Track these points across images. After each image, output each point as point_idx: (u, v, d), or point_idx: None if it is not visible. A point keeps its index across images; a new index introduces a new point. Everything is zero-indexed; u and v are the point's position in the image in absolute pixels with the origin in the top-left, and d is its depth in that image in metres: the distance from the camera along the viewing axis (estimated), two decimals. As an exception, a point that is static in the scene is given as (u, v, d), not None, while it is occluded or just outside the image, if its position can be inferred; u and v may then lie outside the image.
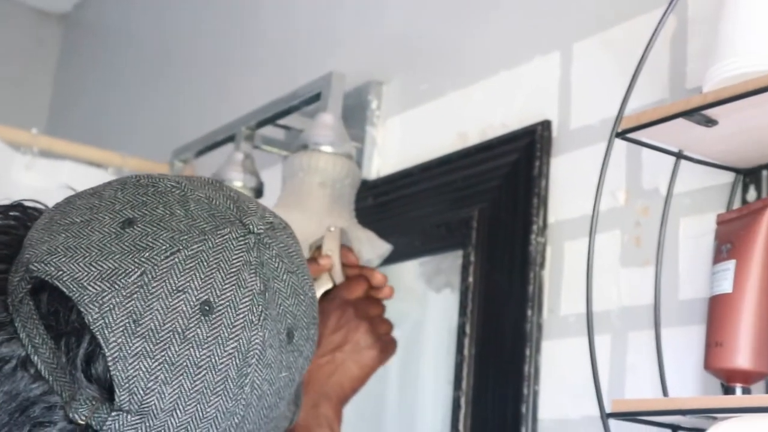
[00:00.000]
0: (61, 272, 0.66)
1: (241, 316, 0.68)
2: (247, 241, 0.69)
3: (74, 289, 0.65)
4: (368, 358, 1.01)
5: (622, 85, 1.09)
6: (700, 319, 1.07)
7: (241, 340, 0.67)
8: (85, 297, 0.65)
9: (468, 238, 1.38)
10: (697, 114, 0.91)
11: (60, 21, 3.11)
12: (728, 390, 0.94)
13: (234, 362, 0.67)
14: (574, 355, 1.21)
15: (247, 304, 0.68)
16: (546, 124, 1.31)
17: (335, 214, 1.38)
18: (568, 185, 1.29)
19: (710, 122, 0.92)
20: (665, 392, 1.05)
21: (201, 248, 0.68)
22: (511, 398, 1.27)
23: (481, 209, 1.37)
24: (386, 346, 1.11)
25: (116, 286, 0.65)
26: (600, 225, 1.22)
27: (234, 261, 0.68)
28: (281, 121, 1.66)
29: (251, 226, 0.70)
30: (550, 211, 1.30)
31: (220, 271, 0.67)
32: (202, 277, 0.67)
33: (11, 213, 0.73)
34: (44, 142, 1.98)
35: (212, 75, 2.23)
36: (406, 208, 1.53)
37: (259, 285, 0.69)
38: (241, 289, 0.68)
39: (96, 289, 0.65)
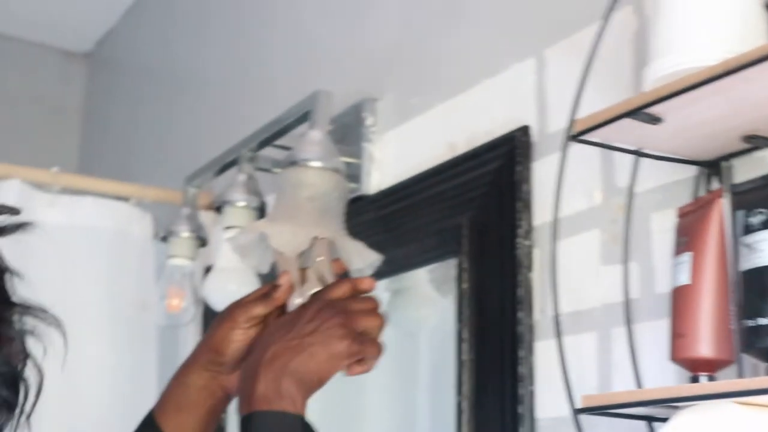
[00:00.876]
0: None
1: None
2: None
3: None
4: (338, 348, 0.99)
5: (593, 88, 1.12)
6: (675, 311, 1.08)
7: None
8: None
9: (460, 246, 1.41)
10: (641, 113, 0.93)
11: (84, 60, 3.19)
12: (695, 379, 0.96)
13: None
14: (566, 354, 1.23)
15: None
16: (525, 130, 1.33)
17: (324, 226, 1.41)
18: (551, 188, 1.31)
19: (656, 120, 0.94)
20: (640, 385, 1.07)
21: None
22: (509, 400, 1.30)
23: (471, 216, 1.40)
24: (363, 343, 1.04)
25: None
26: (579, 225, 1.25)
27: None
28: (281, 142, 1.71)
29: None
30: (535, 214, 1.32)
31: None
32: None
33: None
34: (64, 179, 2.04)
35: (220, 101, 2.29)
36: (404, 219, 1.56)
37: None
38: None
39: None
